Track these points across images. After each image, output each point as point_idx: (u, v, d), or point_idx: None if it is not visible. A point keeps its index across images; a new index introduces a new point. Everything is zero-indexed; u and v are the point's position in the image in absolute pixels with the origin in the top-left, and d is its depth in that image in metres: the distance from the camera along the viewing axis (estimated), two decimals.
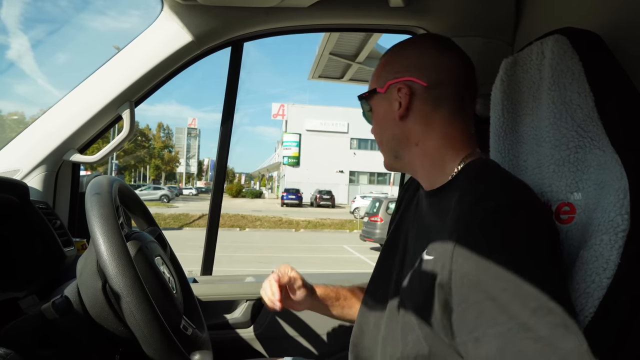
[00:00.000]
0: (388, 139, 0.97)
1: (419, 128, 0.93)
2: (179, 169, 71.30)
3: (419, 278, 0.84)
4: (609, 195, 0.79)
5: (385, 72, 0.98)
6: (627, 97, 0.86)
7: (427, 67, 0.93)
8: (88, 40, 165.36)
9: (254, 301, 1.54)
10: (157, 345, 0.75)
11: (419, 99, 0.92)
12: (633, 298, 0.74)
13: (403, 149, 0.95)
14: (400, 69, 0.95)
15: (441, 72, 0.92)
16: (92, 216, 0.78)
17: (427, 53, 0.95)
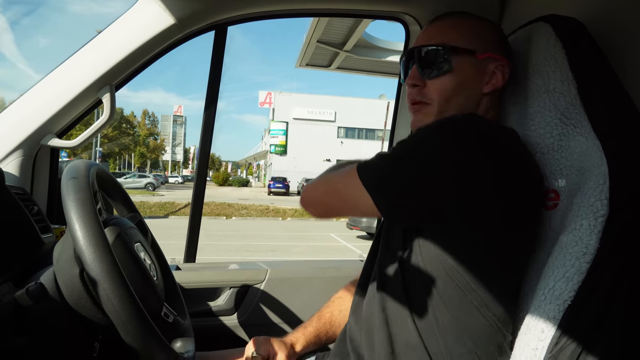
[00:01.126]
0: (458, 103, 0.92)
1: (487, 105, 0.95)
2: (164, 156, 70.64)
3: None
4: (589, 181, 0.80)
5: (487, 40, 0.93)
6: (609, 84, 0.86)
7: (509, 52, 0.96)
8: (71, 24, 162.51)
9: (238, 288, 1.53)
10: (135, 332, 0.73)
11: (505, 85, 0.94)
12: (611, 283, 0.74)
13: None
14: (499, 45, 0.94)
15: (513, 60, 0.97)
16: (68, 201, 0.76)
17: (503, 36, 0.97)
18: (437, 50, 0.91)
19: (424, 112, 0.93)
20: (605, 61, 0.88)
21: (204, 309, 1.50)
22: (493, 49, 0.92)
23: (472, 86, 0.92)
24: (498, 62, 0.92)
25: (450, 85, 0.91)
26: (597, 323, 0.74)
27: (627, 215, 0.75)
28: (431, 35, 0.93)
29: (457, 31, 0.92)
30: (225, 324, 1.51)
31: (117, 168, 60.19)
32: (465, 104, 0.91)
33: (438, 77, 0.91)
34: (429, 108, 0.93)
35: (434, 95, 0.92)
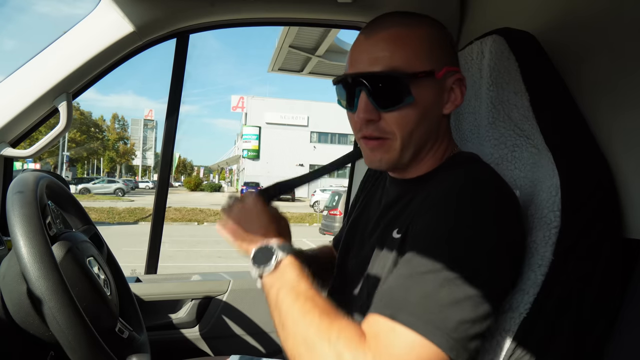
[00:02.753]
0: (421, 133, 0.81)
1: (446, 125, 0.86)
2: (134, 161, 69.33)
3: (384, 258, 0.83)
4: (542, 192, 0.81)
5: (442, 52, 0.81)
6: (559, 96, 0.88)
7: (457, 57, 0.87)
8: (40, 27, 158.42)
9: (200, 300, 1.50)
10: (82, 351, 0.71)
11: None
12: (564, 294, 0.76)
13: (427, 146, 0.84)
14: (451, 54, 0.83)
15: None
16: (13, 216, 0.74)
17: (454, 42, 0.87)
18: (394, 79, 0.76)
19: (385, 149, 0.82)
20: (555, 73, 0.90)
21: (165, 322, 1.47)
22: (449, 60, 0.81)
23: (434, 110, 0.81)
24: (455, 76, 0.82)
25: (413, 117, 0.78)
26: (550, 334, 0.75)
27: (578, 226, 0.77)
28: (376, 56, 0.77)
29: (408, 47, 0.77)
30: (187, 336, 1.48)
31: (86, 173, 58.78)
32: (428, 132, 0.82)
33: (398, 109, 0.78)
34: (390, 143, 0.81)
35: (394, 130, 0.79)
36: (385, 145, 0.81)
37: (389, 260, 0.80)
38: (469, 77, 1.01)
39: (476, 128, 1.00)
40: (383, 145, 0.81)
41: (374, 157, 0.83)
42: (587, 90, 0.88)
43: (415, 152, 0.83)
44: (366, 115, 0.79)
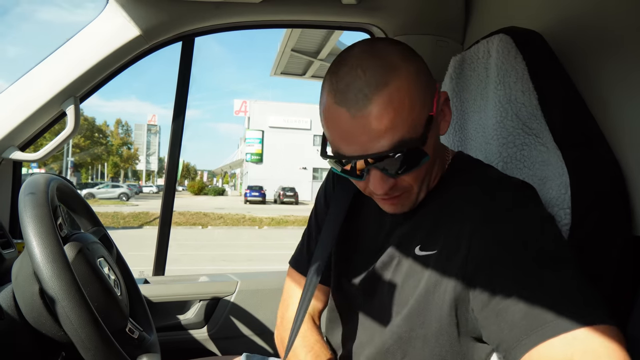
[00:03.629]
0: (433, 169, 0.81)
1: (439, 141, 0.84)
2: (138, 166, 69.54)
3: (413, 276, 0.81)
4: (552, 191, 0.81)
5: (428, 84, 0.74)
6: (567, 94, 0.88)
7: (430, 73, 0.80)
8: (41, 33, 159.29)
9: (207, 301, 1.51)
10: (95, 350, 0.72)
11: None
12: None
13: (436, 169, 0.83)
14: (430, 75, 0.76)
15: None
16: (25, 217, 0.74)
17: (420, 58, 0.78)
18: (406, 152, 0.70)
19: (403, 201, 0.79)
20: (563, 71, 0.90)
21: (173, 323, 1.47)
22: (432, 88, 0.75)
23: (438, 142, 0.81)
24: (442, 97, 0.78)
25: (427, 165, 0.76)
26: None
27: (588, 224, 0.77)
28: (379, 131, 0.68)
29: (408, 108, 0.69)
30: (195, 337, 1.48)
31: (90, 178, 58.97)
32: (436, 163, 0.82)
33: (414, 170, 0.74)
34: (407, 195, 0.79)
35: (413, 184, 0.77)
36: (403, 198, 0.79)
37: (421, 279, 0.79)
38: (474, 76, 1.01)
39: (481, 127, 1.00)
40: (401, 198, 0.79)
41: (393, 209, 0.81)
42: (595, 87, 0.89)
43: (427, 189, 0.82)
44: (384, 188, 0.74)
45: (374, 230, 0.92)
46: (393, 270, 0.86)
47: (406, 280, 0.82)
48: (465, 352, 0.78)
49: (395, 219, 0.89)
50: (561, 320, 0.60)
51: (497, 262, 0.68)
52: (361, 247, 0.94)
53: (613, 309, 0.75)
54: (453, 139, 1.10)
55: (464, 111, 1.06)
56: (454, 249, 0.75)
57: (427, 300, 0.78)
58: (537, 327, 0.61)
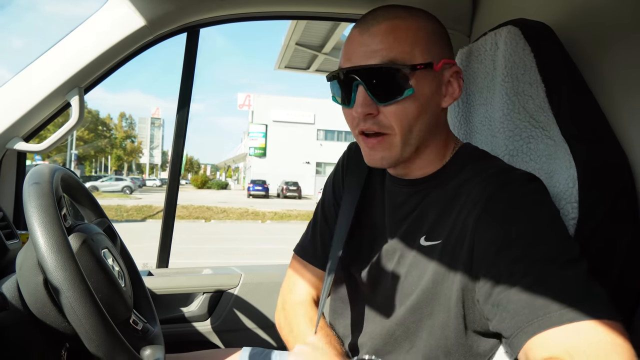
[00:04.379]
0: (421, 127, 0.79)
1: (445, 118, 0.86)
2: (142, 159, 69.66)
3: (417, 266, 0.81)
4: (559, 184, 0.80)
5: (439, 44, 0.79)
6: (576, 87, 0.87)
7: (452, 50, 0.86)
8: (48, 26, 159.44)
9: (211, 293, 1.51)
10: (100, 341, 0.71)
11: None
12: None
13: (428, 140, 0.82)
14: (448, 46, 0.82)
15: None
16: (30, 207, 0.74)
17: (446, 33, 0.85)
18: (393, 71, 0.75)
19: (386, 146, 0.80)
20: (572, 64, 0.89)
21: (177, 315, 1.47)
22: (446, 54, 0.81)
23: (433, 104, 0.80)
24: (453, 69, 0.81)
25: (412, 110, 0.77)
26: None
27: (596, 218, 0.77)
28: (374, 49, 0.76)
29: (406, 39, 0.76)
30: (199, 329, 1.48)
31: (94, 171, 59.14)
32: (427, 126, 0.80)
33: (397, 102, 0.76)
34: (390, 140, 0.79)
35: (394, 124, 0.77)
36: (386, 142, 0.79)
37: (427, 269, 0.79)
38: (481, 69, 1.00)
39: (488, 120, 1.00)
40: (383, 142, 0.79)
41: (374, 155, 0.81)
42: (604, 81, 0.87)
43: (417, 148, 0.81)
44: (365, 109, 0.77)
45: (381, 220, 0.92)
46: (397, 260, 0.86)
47: (410, 271, 0.82)
48: (471, 345, 0.77)
49: (394, 204, 0.89)
50: (566, 311, 0.60)
51: (502, 254, 0.68)
52: (368, 238, 0.93)
53: (619, 304, 0.75)
54: (459, 131, 1.09)
55: (470, 104, 1.05)
56: (459, 239, 0.75)
57: (435, 291, 0.78)
58: (540, 315, 0.61)
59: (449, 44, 0.83)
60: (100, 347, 0.72)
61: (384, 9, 0.80)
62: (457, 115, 1.09)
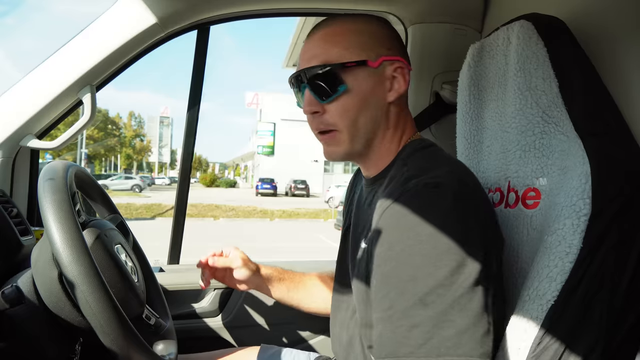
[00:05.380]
0: (366, 122, 0.84)
1: (396, 113, 0.88)
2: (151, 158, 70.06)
3: (357, 269, 0.86)
4: (572, 180, 0.79)
5: (375, 43, 0.85)
6: (590, 82, 0.86)
7: (403, 50, 0.90)
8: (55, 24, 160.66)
9: (222, 290, 1.52)
10: (114, 335, 0.72)
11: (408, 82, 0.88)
12: (593, 282, 0.74)
13: (378, 135, 0.87)
14: (389, 44, 0.87)
15: (407, 54, 0.91)
16: (45, 202, 0.75)
17: (395, 34, 0.90)
18: (326, 71, 0.82)
19: (336, 141, 0.86)
20: (586, 59, 0.88)
21: (188, 311, 1.48)
22: (385, 51, 0.85)
23: (375, 99, 0.85)
24: (395, 65, 0.86)
25: (352, 106, 0.83)
26: (579, 322, 0.74)
27: (609, 214, 0.75)
28: (314, 54, 0.84)
29: (340, 42, 0.83)
30: (210, 325, 1.49)
31: (104, 169, 59.59)
32: (373, 120, 0.85)
33: (335, 99, 0.83)
34: (338, 136, 0.85)
35: (337, 121, 0.84)
36: (335, 138, 0.85)
37: (362, 272, 0.83)
38: (493, 64, 1.00)
39: (499, 115, 0.99)
40: (333, 138, 0.86)
41: (328, 149, 0.88)
42: (619, 75, 0.86)
43: (367, 141, 0.86)
44: (310, 107, 0.85)
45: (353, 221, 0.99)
46: (350, 262, 0.93)
47: (355, 273, 0.88)
48: None
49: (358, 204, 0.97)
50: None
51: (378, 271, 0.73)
52: (348, 240, 1.01)
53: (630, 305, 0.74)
54: (470, 127, 1.09)
55: (481, 99, 1.05)
56: (370, 246, 0.78)
57: (366, 295, 0.82)
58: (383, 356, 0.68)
59: (394, 43, 0.88)
60: (114, 341, 0.73)
61: (327, 19, 0.89)
62: (468, 112, 1.08)
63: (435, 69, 1.41)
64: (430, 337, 0.64)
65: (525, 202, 0.91)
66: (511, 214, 0.93)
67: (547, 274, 0.77)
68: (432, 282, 0.66)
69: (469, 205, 0.74)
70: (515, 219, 0.92)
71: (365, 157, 0.90)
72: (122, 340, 0.73)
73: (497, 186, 0.98)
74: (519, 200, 0.92)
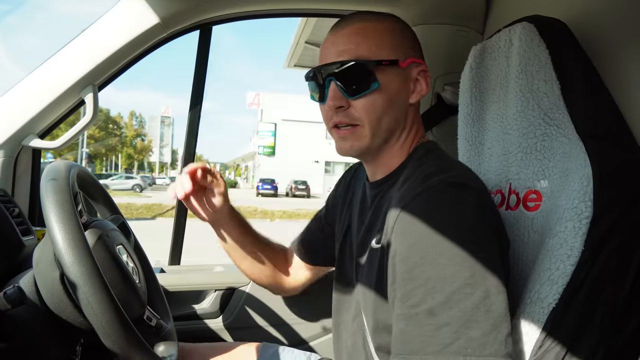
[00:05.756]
0: (389, 120, 0.84)
1: (413, 114, 0.89)
2: (152, 157, 70.07)
3: (367, 269, 0.85)
4: (574, 183, 0.79)
5: (406, 44, 0.86)
6: (592, 84, 0.86)
7: (421, 51, 0.91)
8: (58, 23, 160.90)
9: (223, 291, 1.51)
10: (115, 336, 0.72)
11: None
12: (594, 284, 0.74)
13: (395, 134, 0.87)
14: (416, 48, 0.89)
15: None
16: (47, 202, 0.75)
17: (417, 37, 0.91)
18: (360, 66, 0.81)
19: (356, 136, 0.84)
20: (588, 61, 0.88)
21: (189, 312, 1.48)
22: (413, 53, 0.87)
23: (400, 99, 0.85)
24: (420, 67, 0.87)
25: (380, 103, 0.82)
26: (580, 325, 0.74)
27: (610, 217, 0.75)
28: (344, 49, 0.83)
29: (375, 39, 0.83)
30: (210, 327, 1.49)
31: (104, 169, 59.61)
32: (395, 120, 0.85)
33: (365, 95, 0.82)
34: (360, 130, 0.84)
35: (363, 116, 0.83)
36: (356, 133, 0.84)
37: (373, 272, 0.82)
38: (494, 66, 1.00)
39: (500, 117, 0.99)
40: (354, 132, 0.84)
41: (344, 144, 0.86)
42: (621, 78, 0.86)
43: (385, 140, 0.86)
44: (335, 102, 0.83)
45: (354, 224, 0.98)
46: (355, 264, 0.92)
47: (362, 274, 0.88)
48: None
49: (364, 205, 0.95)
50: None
51: (398, 269, 0.72)
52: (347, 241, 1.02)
53: (633, 308, 0.74)
54: (471, 129, 1.09)
55: (483, 101, 1.05)
56: (386, 244, 0.77)
57: (377, 294, 0.81)
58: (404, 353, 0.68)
59: (417, 46, 0.90)
60: (116, 342, 0.73)
61: (355, 14, 0.88)
62: (469, 113, 1.08)
63: (436, 70, 1.41)
64: (458, 337, 0.64)
65: (526, 204, 0.91)
66: (512, 216, 0.93)
67: (549, 276, 0.77)
68: (460, 282, 0.65)
69: (488, 206, 0.76)
70: (516, 221, 0.92)
71: (378, 156, 0.89)
72: (123, 341, 0.73)
73: (498, 188, 0.98)
74: (520, 202, 0.92)
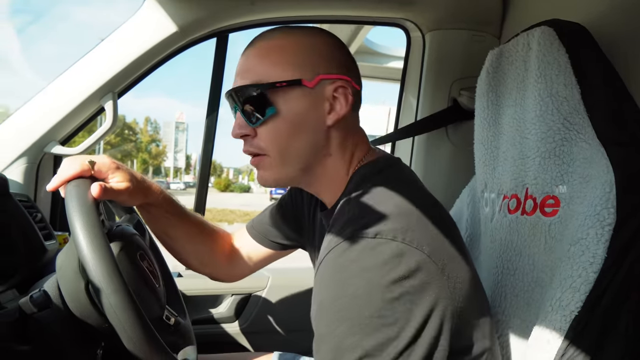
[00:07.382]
0: (301, 147, 0.76)
1: (339, 137, 0.79)
2: (166, 163, 70.78)
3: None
4: (596, 189, 0.78)
5: (313, 60, 0.75)
6: (614, 89, 0.85)
7: (351, 66, 0.81)
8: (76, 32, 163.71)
9: (239, 296, 1.52)
10: (140, 344, 0.72)
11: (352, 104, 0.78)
12: (618, 292, 0.73)
13: (317, 160, 0.78)
14: (333, 62, 0.77)
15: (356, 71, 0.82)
16: (72, 208, 0.76)
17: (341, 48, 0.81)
18: (253, 92, 0.73)
19: (265, 166, 0.78)
20: (609, 66, 0.87)
21: (206, 317, 1.49)
22: (324, 69, 0.75)
23: (311, 123, 0.75)
24: (336, 84, 0.75)
25: (283, 130, 0.74)
26: (604, 333, 0.73)
27: (635, 223, 0.74)
28: (243, 70, 0.76)
29: (273, 59, 0.74)
30: (227, 331, 1.50)
31: None
32: (311, 146, 0.76)
33: (264, 123, 0.74)
34: (267, 160, 0.77)
35: (267, 145, 0.76)
36: (264, 163, 0.78)
37: None
38: (512, 70, 0.99)
39: (517, 122, 0.98)
40: (261, 162, 0.78)
41: (259, 175, 0.80)
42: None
43: (304, 169, 0.78)
44: (240, 130, 0.77)
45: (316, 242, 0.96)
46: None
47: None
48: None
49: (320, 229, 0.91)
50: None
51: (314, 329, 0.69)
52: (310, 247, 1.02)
53: None
54: (487, 133, 1.08)
55: (499, 105, 1.04)
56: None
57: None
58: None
59: (335, 56, 0.78)
60: (138, 346, 0.73)
61: (267, 30, 0.80)
62: (486, 117, 1.08)
63: (453, 75, 1.40)
64: None
65: (543, 209, 0.90)
66: (528, 222, 0.92)
67: (571, 284, 0.76)
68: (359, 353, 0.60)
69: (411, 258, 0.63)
70: (532, 227, 0.91)
71: (308, 185, 0.83)
72: (146, 346, 0.74)
73: (514, 192, 0.97)
74: (537, 207, 0.91)
